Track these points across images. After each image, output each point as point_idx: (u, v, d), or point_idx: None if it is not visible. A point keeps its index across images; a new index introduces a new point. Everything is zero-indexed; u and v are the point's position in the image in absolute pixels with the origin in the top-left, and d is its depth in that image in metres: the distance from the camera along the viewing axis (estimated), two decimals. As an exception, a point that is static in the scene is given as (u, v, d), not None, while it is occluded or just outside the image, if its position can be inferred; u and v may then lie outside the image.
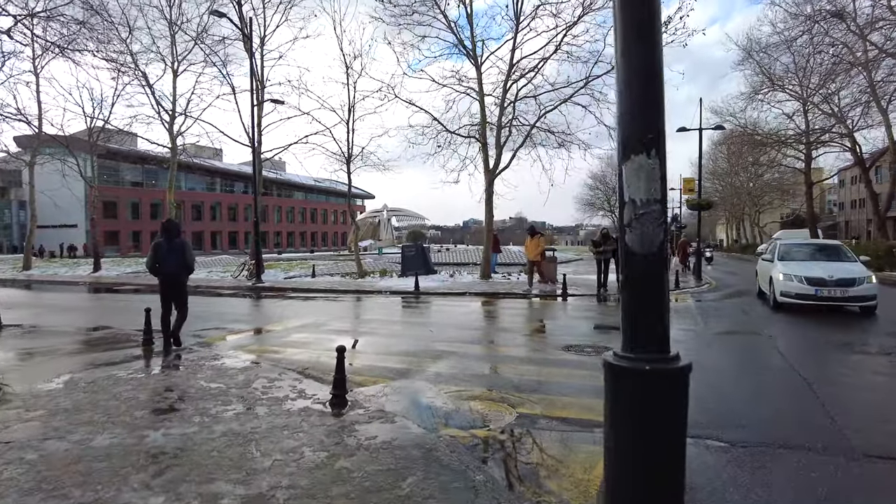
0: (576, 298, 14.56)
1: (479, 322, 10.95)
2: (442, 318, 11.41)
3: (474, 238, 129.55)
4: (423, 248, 22.02)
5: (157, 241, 7.84)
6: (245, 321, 11.17)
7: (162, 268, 7.77)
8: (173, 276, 7.89)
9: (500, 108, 19.32)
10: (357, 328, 10.05)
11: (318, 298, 15.49)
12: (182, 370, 6.47)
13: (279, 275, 21.84)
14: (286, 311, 12.89)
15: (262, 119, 21.95)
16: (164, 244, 7.74)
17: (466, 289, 16.36)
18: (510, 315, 11.89)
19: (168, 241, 7.77)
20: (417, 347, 8.01)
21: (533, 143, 19.03)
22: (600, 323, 10.74)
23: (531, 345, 8.34)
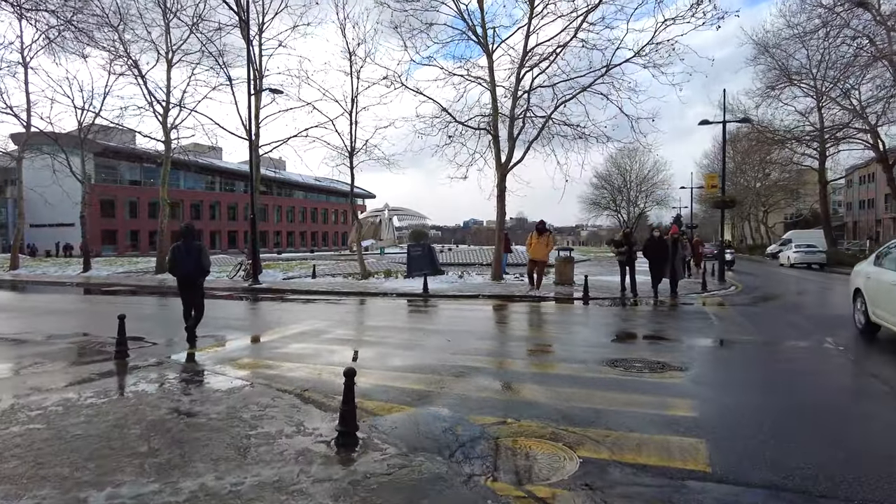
0: (597, 302, 13.42)
1: (499, 330, 9.79)
2: (457, 324, 10.24)
3: (475, 238, 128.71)
4: (430, 248, 20.87)
5: (176, 244, 8.24)
6: (238, 327, 10.02)
7: (179, 270, 8.17)
8: (190, 278, 8.22)
9: (512, 98, 18.19)
10: (363, 336, 8.90)
11: (319, 301, 14.33)
12: (155, 393, 5.31)
13: (278, 275, 20.69)
14: (284, 315, 11.74)
15: (259, 111, 20.80)
16: (182, 247, 8.12)
17: (478, 291, 15.20)
18: (532, 321, 10.72)
19: (186, 244, 8.13)
20: (435, 361, 6.85)
21: (551, 135, 17.87)
22: (628, 331, 9.59)
23: (568, 358, 7.17)
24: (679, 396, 5.36)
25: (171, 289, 17.98)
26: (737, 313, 11.57)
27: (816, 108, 35.27)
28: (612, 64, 16.62)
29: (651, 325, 10.16)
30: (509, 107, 18.22)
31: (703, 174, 23.75)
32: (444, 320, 10.69)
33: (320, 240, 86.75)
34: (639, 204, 72.73)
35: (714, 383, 5.96)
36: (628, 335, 9.17)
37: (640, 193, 72.98)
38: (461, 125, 18.34)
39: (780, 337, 8.80)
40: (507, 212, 19.05)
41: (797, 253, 33.37)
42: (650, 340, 8.50)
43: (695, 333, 9.06)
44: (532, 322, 10.56)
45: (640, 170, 71.99)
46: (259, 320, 11.19)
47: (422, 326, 9.83)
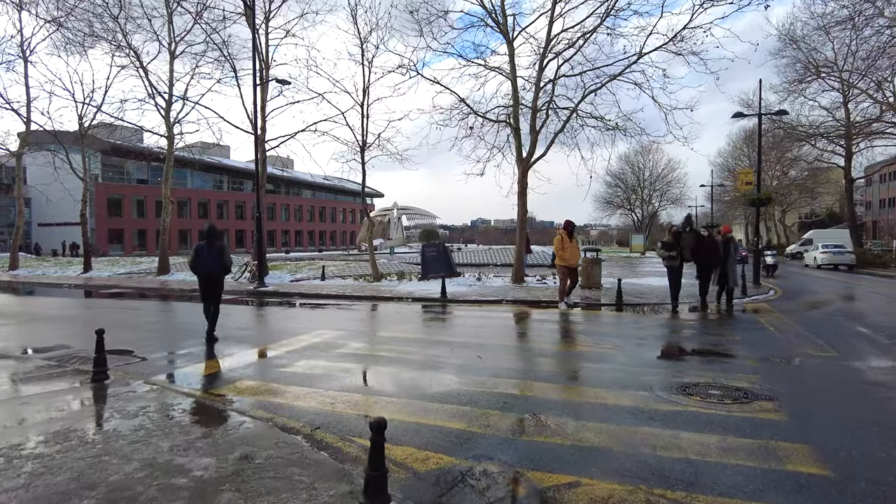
0: (633, 309, 12.27)
1: (534, 343, 8.64)
2: (484, 335, 9.11)
3: (484, 238, 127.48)
4: (445, 249, 19.77)
5: (199, 244, 8.60)
6: (240, 338, 8.95)
7: (202, 268, 8.49)
8: (212, 276, 8.58)
9: (535, 89, 17.04)
10: (380, 351, 7.79)
11: (329, 306, 13.25)
12: (129, 436, 4.22)
13: (285, 277, 19.65)
14: (291, 323, 10.67)
15: (266, 104, 19.75)
16: (204, 247, 8.50)
17: (501, 295, 14.06)
18: (569, 333, 9.56)
19: (209, 244, 8.50)
20: (470, 386, 5.74)
21: (578, 127, 16.69)
22: (682, 345, 8.43)
23: (628, 382, 6.03)
24: (789, 440, 4.22)
25: (172, 291, 17.07)
26: (793, 322, 10.36)
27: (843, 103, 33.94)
28: (643, 52, 15.43)
29: (705, 338, 8.99)
30: (531, 98, 17.09)
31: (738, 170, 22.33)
32: (469, 330, 9.56)
33: (328, 239, 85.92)
34: (653, 202, 71.31)
35: (822, 421, 4.80)
36: (684, 350, 8.01)
37: (653, 192, 71.58)
38: (480, 117, 17.22)
39: (859, 353, 7.60)
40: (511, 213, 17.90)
41: (825, 253, 32.01)
42: (712, 357, 7.34)
43: (760, 348, 7.89)
44: (569, 333, 9.40)
45: (654, 168, 70.69)
46: (263, 330, 10.12)
47: (446, 338, 8.71)
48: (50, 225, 60.15)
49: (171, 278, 20.70)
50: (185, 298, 15.57)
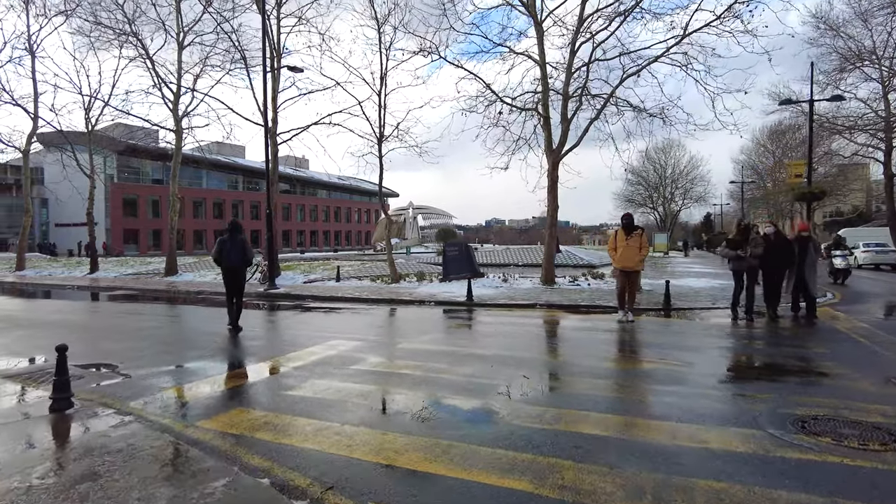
0: (682, 315, 10.92)
1: (586, 358, 7.30)
2: (524, 347, 7.83)
3: (499, 237, 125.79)
4: (467, 248, 18.49)
5: (222, 238, 9.11)
6: (238, 350, 7.77)
7: (225, 261, 9.02)
8: (235, 269, 9.10)
9: (566, 74, 15.69)
10: (405, 368, 6.56)
11: (345, 311, 12.07)
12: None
13: (298, 278, 18.54)
14: (301, 330, 9.47)
15: (277, 94, 18.65)
16: (227, 241, 9.03)
17: (533, 298, 12.76)
18: (624, 344, 8.21)
19: (231, 238, 9.04)
20: (524, 421, 4.48)
21: (615, 113, 15.31)
22: (766, 361, 7.07)
23: (725, 415, 4.70)
24: None
25: (178, 294, 15.99)
26: (882, 331, 8.92)
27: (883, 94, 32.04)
28: (688, 30, 14.02)
29: (788, 351, 7.59)
30: (560, 85, 15.77)
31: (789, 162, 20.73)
32: (504, 341, 8.26)
33: (343, 239, 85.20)
34: (676, 200, 69.33)
35: None
36: (771, 368, 6.63)
37: (675, 190, 69.60)
38: (507, 105, 15.93)
39: None
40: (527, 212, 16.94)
41: (866, 253, 30.21)
42: (811, 378, 5.99)
43: (864, 366, 6.49)
44: (622, 345, 8.06)
45: (676, 165, 68.72)
46: (271, 339, 8.93)
47: (479, 351, 7.43)
48: (67, 225, 60.03)
49: (178, 279, 19.72)
50: (191, 301, 14.50)
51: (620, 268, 9.70)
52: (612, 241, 9.85)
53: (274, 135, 18.47)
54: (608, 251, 10.09)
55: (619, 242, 9.64)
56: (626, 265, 9.64)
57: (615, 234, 9.83)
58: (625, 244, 9.53)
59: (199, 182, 67.19)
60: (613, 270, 10.24)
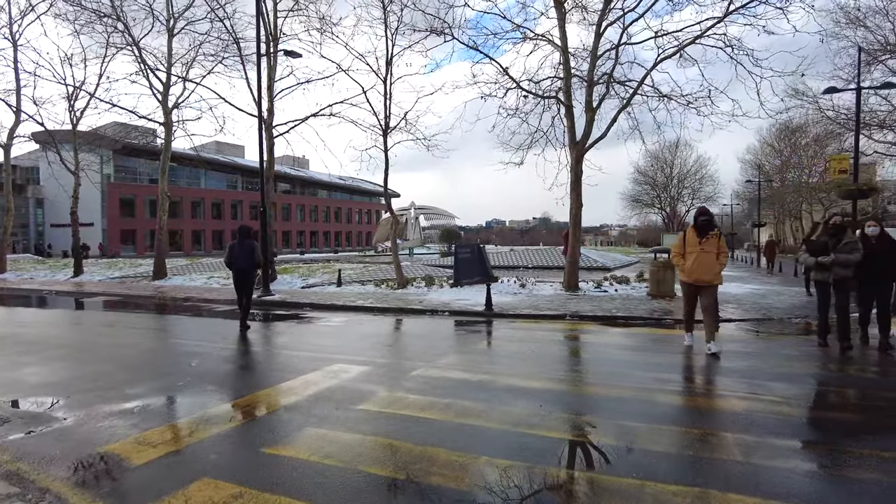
0: (739, 327, 9.46)
1: (662, 391, 5.74)
2: (573, 376, 6.33)
3: (500, 238, 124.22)
4: (481, 250, 17.00)
5: (233, 242, 9.75)
6: (221, 377, 6.29)
7: (235, 264, 9.58)
8: (244, 272, 9.66)
9: (591, 58, 14.22)
10: (428, 408, 5.09)
11: (348, 322, 10.59)
12: None
13: (296, 282, 17.06)
14: (297, 349, 7.98)
15: (273, 83, 17.18)
16: (237, 245, 9.64)
17: (560, 308, 11.27)
18: (693, 370, 6.73)
19: (241, 242, 9.64)
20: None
21: (647, 100, 13.84)
22: (884, 395, 5.57)
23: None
24: None
25: (165, 300, 14.41)
26: None
27: None
28: (732, 7, 12.52)
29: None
30: (582, 71, 14.30)
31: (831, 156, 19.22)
32: (545, 367, 6.69)
33: (344, 240, 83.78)
34: (684, 200, 67.83)
35: None
36: (866, 403, 5.15)
37: (682, 189, 68.17)
38: (525, 93, 14.46)
39: None
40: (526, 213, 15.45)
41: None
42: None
43: None
44: (692, 372, 6.55)
45: (683, 165, 67.28)
46: (260, 361, 7.44)
47: (521, 383, 5.90)
48: (63, 226, 58.60)
49: (166, 284, 18.25)
50: (176, 309, 13.02)
51: (692, 281, 7.26)
52: (678, 245, 7.44)
53: (269, 126, 17.00)
54: (673, 258, 7.66)
55: (689, 247, 7.21)
56: (702, 277, 7.15)
57: (683, 236, 7.42)
58: (698, 249, 7.12)
59: (198, 182, 65.79)
60: (682, 285, 7.69)
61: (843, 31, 29.95)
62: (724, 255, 7.16)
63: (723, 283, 7.54)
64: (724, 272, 7.98)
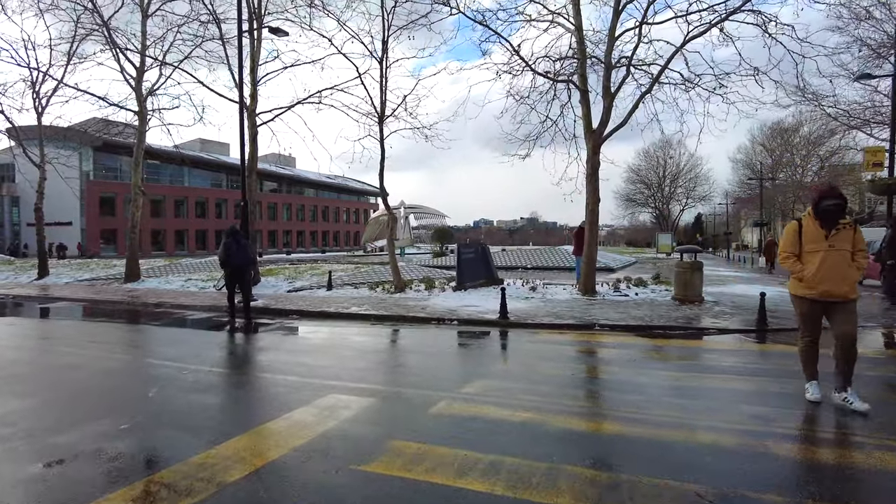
0: (784, 337, 8.17)
1: (789, 442, 4.42)
2: (649, 414, 4.90)
3: (489, 238, 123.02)
4: (485, 249, 15.60)
5: (227, 240, 10.00)
6: (176, 417, 4.82)
7: (232, 261, 9.88)
8: (240, 268, 10.03)
9: (609, 38, 12.89)
10: (465, 471, 3.69)
11: (342, 334, 9.13)
12: None
13: (281, 285, 15.53)
14: (281, 373, 6.49)
15: (257, 66, 15.64)
16: (233, 243, 9.93)
17: (584, 316, 9.89)
18: (779, 398, 5.38)
19: (236, 241, 10.00)
20: None
21: (660, 87, 12.55)
22: None
23: None
24: None
25: (135, 306, 12.71)
26: None
27: None
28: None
29: None
30: (605, 48, 12.97)
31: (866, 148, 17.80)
32: (606, 398, 5.23)
33: (331, 239, 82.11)
34: (679, 199, 67.09)
35: None
36: None
37: (675, 189, 67.43)
38: (537, 75, 13.10)
39: None
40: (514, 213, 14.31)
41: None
42: None
43: None
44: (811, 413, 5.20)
45: (676, 164, 66.50)
46: (233, 389, 5.97)
47: (585, 426, 4.47)
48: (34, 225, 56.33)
49: (139, 287, 16.64)
50: (146, 317, 11.48)
51: (818, 295, 4.79)
52: (790, 241, 4.98)
53: (252, 113, 15.46)
54: (781, 260, 5.11)
55: (809, 244, 4.82)
56: (834, 290, 4.70)
57: (797, 227, 4.96)
58: (825, 247, 4.72)
59: (181, 180, 63.76)
60: (796, 302, 5.06)
61: (847, 27, 28.98)
62: (862, 256, 4.79)
63: (858, 297, 4.86)
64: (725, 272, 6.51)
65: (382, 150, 14.13)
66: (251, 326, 9.59)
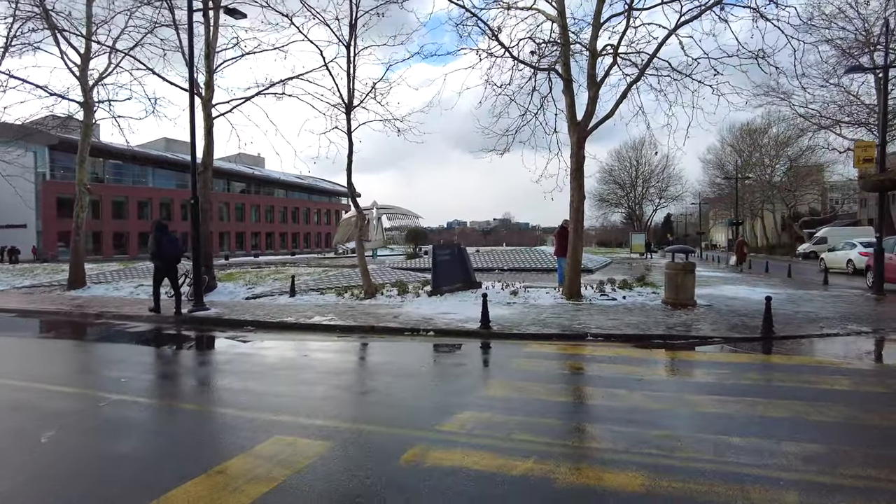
0: (799, 344, 7.37)
1: None
2: (708, 446, 3.94)
3: (463, 239, 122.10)
4: (462, 251, 14.54)
5: (157, 234, 10.80)
6: (66, 476, 3.64)
7: (162, 252, 10.61)
8: (171, 261, 10.88)
9: (594, 23, 12.01)
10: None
11: (301, 350, 7.97)
12: None
13: (240, 291, 14.22)
14: (220, 405, 5.32)
15: (214, 53, 14.29)
16: (162, 237, 10.75)
17: (574, 324, 8.93)
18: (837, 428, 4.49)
19: (165, 235, 10.84)
20: None
21: (665, 75, 11.72)
22: None
23: None
24: None
25: (71, 317, 11.21)
26: None
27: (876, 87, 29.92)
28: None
29: None
30: (590, 35, 12.08)
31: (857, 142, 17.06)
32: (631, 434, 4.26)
33: (302, 241, 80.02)
34: (652, 199, 67.14)
35: None
36: None
37: (647, 189, 67.53)
38: (517, 62, 12.14)
39: None
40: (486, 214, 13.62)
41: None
42: None
43: None
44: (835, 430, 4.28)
45: (647, 165, 66.61)
46: (152, 431, 4.78)
47: (614, 481, 3.55)
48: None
49: (83, 294, 15.10)
50: (81, 330, 10.10)
51: None
52: None
53: (208, 103, 14.11)
54: None
55: None
56: None
57: None
58: None
59: (145, 181, 61.15)
60: None
61: (818, 28, 28.78)
62: None
63: None
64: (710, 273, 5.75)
65: (350, 143, 12.96)
66: (182, 319, 10.29)
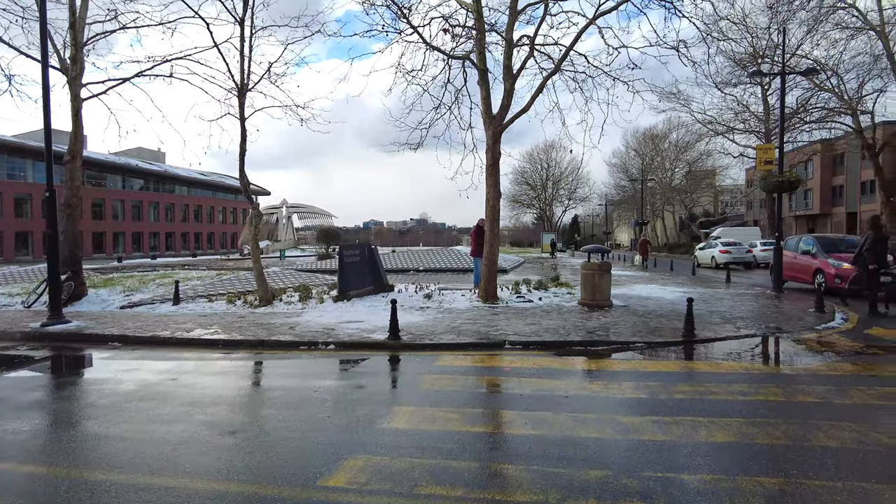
0: (745, 355, 7.11)
1: None
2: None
3: (379, 239, 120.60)
4: (372, 251, 13.45)
5: None
6: None
7: None
8: None
9: (510, 12, 11.44)
10: None
11: (173, 373, 6.64)
12: None
13: (114, 299, 12.35)
14: (46, 461, 4.02)
15: (84, 24, 12.31)
16: None
17: (490, 331, 8.22)
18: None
19: None
20: None
21: (581, 70, 11.33)
22: None
23: None
24: None
25: None
26: None
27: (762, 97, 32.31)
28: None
29: None
30: (506, 23, 11.49)
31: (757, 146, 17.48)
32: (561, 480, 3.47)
33: (205, 242, 75.05)
34: (562, 201, 69.09)
35: None
36: None
37: (557, 191, 69.50)
38: (429, 48, 11.32)
39: None
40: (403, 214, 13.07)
41: (766, 252, 30.09)
42: None
43: None
44: None
45: (557, 167, 68.51)
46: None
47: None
48: None
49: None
50: None
51: None
52: None
53: (74, 81, 12.12)
54: None
55: None
56: None
57: None
58: None
59: (24, 175, 54.19)
60: None
61: (714, 36, 30.36)
62: None
63: None
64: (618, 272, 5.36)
65: (244, 130, 11.53)
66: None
